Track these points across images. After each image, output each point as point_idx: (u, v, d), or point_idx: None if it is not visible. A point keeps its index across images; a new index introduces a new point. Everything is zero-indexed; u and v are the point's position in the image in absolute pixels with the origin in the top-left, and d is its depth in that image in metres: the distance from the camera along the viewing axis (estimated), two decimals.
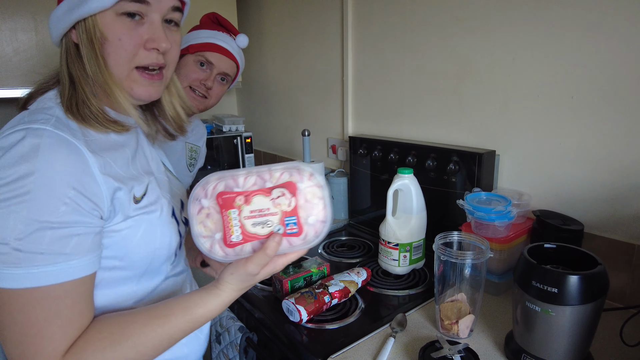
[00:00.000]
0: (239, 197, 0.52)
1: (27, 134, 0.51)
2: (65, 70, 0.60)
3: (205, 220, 0.53)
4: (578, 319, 0.62)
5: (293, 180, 0.53)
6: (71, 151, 0.52)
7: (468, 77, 1.11)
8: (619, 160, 0.86)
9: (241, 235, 0.53)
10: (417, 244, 1.03)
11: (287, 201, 0.53)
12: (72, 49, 0.60)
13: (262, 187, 0.53)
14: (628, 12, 0.80)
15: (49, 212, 0.49)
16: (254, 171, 0.54)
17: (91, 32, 0.57)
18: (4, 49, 1.40)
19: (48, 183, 0.49)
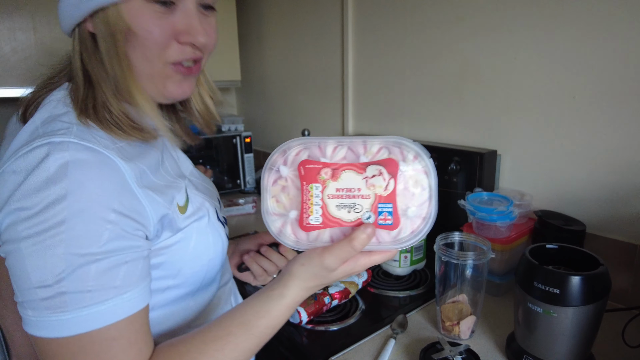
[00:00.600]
0: (325, 170, 0.42)
1: (50, 151, 0.42)
2: (78, 67, 0.51)
3: (280, 194, 0.44)
4: (580, 320, 0.62)
5: (395, 159, 0.43)
6: (104, 165, 0.44)
7: (469, 76, 1.11)
8: (621, 161, 0.86)
9: (321, 217, 0.43)
10: (418, 245, 1.03)
11: (384, 183, 0.42)
12: (89, 42, 0.50)
13: (355, 162, 0.43)
14: (629, 12, 0.80)
15: (90, 243, 0.42)
16: (346, 142, 0.43)
17: (113, 23, 0.48)
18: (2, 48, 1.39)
19: (84, 208, 0.42)
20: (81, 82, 0.51)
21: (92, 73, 0.51)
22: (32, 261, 0.41)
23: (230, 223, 1.50)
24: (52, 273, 0.41)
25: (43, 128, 0.46)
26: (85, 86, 0.51)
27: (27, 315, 0.42)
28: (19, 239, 0.41)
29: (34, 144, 0.43)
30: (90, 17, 0.49)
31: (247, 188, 1.85)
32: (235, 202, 1.61)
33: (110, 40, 0.48)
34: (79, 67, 0.51)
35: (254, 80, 2.10)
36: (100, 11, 0.48)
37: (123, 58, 0.49)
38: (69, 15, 0.50)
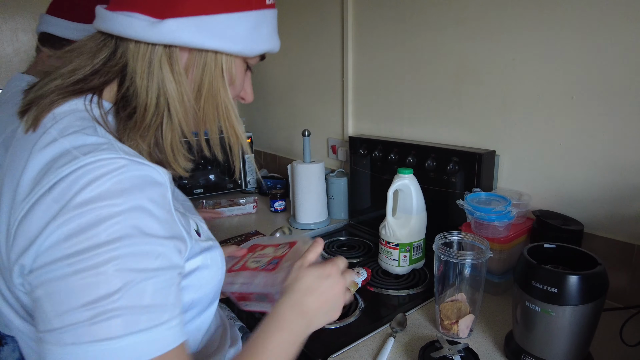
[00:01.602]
0: (259, 247, 0.71)
1: (101, 167, 0.40)
2: (155, 87, 0.48)
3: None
4: (578, 319, 0.62)
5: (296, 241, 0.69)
6: (155, 183, 0.43)
7: (468, 77, 1.11)
8: (619, 161, 0.86)
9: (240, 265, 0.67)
10: (417, 244, 1.03)
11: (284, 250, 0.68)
12: (177, 66, 0.49)
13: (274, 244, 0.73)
14: (628, 12, 0.80)
15: (146, 259, 0.40)
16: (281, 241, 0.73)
17: (223, 68, 0.51)
18: (5, 49, 1.40)
19: (137, 224, 0.40)
20: (161, 111, 0.49)
21: (176, 102, 0.49)
22: (81, 278, 0.36)
23: (232, 223, 1.50)
24: (105, 288, 0.36)
25: (79, 150, 0.41)
26: (163, 116, 0.49)
27: (62, 345, 0.35)
28: (63, 257, 0.37)
29: (84, 165, 0.39)
30: (189, 48, 0.49)
31: (248, 188, 1.86)
32: (236, 202, 1.61)
33: (217, 78, 0.51)
34: (157, 89, 0.48)
35: (255, 81, 2.10)
36: (212, 53, 0.50)
37: (226, 95, 0.52)
38: (185, 34, 0.47)
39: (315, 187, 1.39)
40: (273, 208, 1.58)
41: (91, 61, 0.50)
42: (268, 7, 0.53)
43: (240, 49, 0.51)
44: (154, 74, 0.48)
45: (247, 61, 0.56)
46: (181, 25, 0.46)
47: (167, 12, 0.46)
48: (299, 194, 1.40)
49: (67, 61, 0.50)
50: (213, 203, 1.63)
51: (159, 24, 0.46)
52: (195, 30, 0.47)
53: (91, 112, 0.47)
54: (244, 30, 0.50)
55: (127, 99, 0.49)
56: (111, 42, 0.50)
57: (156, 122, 0.49)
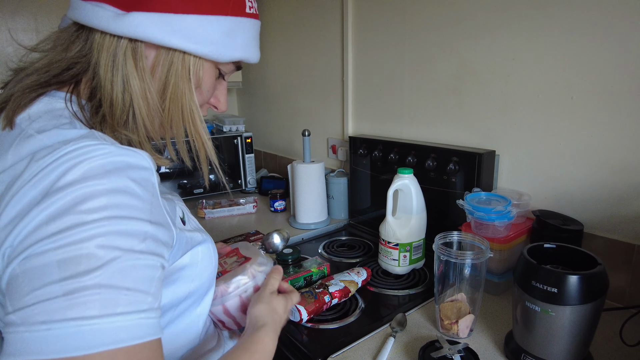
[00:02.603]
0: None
1: (85, 153, 0.39)
2: (120, 82, 0.47)
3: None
4: (578, 319, 0.63)
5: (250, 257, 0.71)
6: (143, 168, 0.43)
7: (468, 77, 1.11)
8: (619, 160, 0.86)
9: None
10: (417, 244, 1.03)
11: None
12: (142, 63, 0.48)
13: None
14: (628, 12, 0.81)
15: (133, 239, 0.39)
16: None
17: (190, 70, 0.50)
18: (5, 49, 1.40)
19: (126, 206, 0.40)
20: (127, 107, 0.48)
21: (139, 97, 0.48)
22: (61, 253, 0.34)
23: (232, 222, 1.50)
24: (86, 264, 0.34)
25: (60, 143, 0.40)
26: (129, 113, 0.48)
27: (29, 324, 0.33)
28: (45, 237, 0.35)
29: (65, 153, 0.38)
30: (156, 46, 0.48)
31: (248, 188, 1.86)
32: (236, 202, 1.61)
33: (183, 79, 0.50)
34: (121, 83, 0.47)
35: (255, 81, 2.11)
36: (180, 53, 0.49)
37: (191, 98, 0.51)
38: (150, 30, 0.45)
39: (315, 187, 1.39)
40: (273, 208, 1.59)
41: (65, 54, 0.48)
42: (248, 15, 0.52)
43: (209, 52, 0.49)
44: (118, 68, 0.47)
45: (219, 67, 0.54)
46: (147, 20, 0.45)
47: (134, 6, 0.45)
48: (299, 194, 1.40)
49: (42, 55, 0.50)
50: (213, 203, 1.63)
51: (124, 17, 0.45)
52: (161, 27, 0.46)
53: (71, 108, 0.47)
54: (216, 34, 0.49)
55: (94, 91, 0.48)
56: (83, 33, 0.48)
57: (123, 119, 0.48)
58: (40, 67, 0.48)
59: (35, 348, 0.32)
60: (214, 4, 0.48)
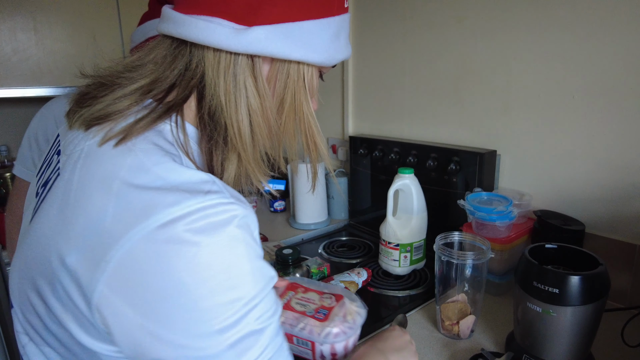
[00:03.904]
0: (301, 288, 0.72)
1: (231, 220, 0.37)
2: (244, 104, 0.44)
3: None
4: (579, 320, 0.62)
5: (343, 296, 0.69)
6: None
7: (468, 76, 1.11)
8: (621, 160, 0.86)
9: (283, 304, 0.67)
10: (418, 245, 1.03)
11: (330, 301, 0.67)
12: (261, 79, 0.45)
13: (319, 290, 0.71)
14: (629, 12, 0.80)
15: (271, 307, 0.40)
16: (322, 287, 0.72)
17: (305, 80, 0.47)
18: (3, 48, 1.40)
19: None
20: (246, 135, 0.44)
21: (260, 118, 0.45)
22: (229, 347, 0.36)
23: None
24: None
25: (183, 186, 0.37)
26: (250, 139, 0.45)
27: None
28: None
29: (196, 210, 0.35)
30: (270, 59, 0.45)
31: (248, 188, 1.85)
32: None
33: (300, 90, 0.47)
34: (246, 105, 0.44)
35: None
36: (293, 64, 0.46)
37: (309, 107, 0.49)
38: (274, 44, 0.42)
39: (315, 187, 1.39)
40: (273, 208, 1.58)
41: (169, 72, 0.44)
42: (345, 11, 0.50)
43: (323, 59, 0.46)
44: (241, 88, 0.43)
45: (322, 71, 0.52)
46: (269, 33, 0.42)
47: (254, 19, 0.41)
48: (299, 194, 1.39)
49: (141, 72, 0.45)
50: None
51: (245, 32, 0.41)
52: (283, 39, 0.42)
53: (178, 138, 0.42)
54: (327, 38, 0.46)
55: (215, 119, 0.44)
56: (185, 49, 0.44)
57: (249, 142, 0.45)
58: (142, 87, 0.44)
59: None
60: (323, 5, 0.45)
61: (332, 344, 0.61)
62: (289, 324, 0.64)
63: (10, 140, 1.75)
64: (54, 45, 1.47)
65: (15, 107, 1.74)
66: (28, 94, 1.46)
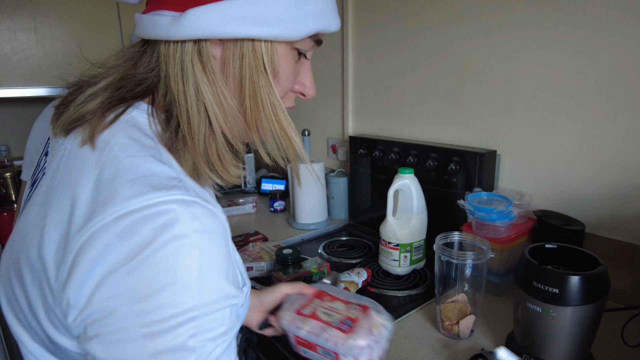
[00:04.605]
0: (327, 297, 0.72)
1: (177, 216, 0.35)
2: (192, 92, 0.43)
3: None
4: (579, 320, 0.62)
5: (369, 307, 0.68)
6: (222, 232, 0.39)
7: (468, 76, 1.11)
8: (621, 160, 0.86)
9: (310, 313, 0.67)
10: (418, 244, 1.03)
11: (357, 313, 0.66)
12: (210, 64, 0.43)
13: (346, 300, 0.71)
14: (630, 12, 0.80)
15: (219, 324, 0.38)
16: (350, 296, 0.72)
17: (263, 58, 0.43)
18: (3, 48, 1.40)
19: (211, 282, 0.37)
20: (203, 118, 0.43)
21: (214, 106, 0.43)
22: (155, 344, 0.34)
23: (231, 223, 1.50)
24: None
25: (148, 181, 0.37)
26: (206, 124, 0.43)
27: None
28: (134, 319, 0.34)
29: (156, 203, 0.35)
30: (221, 42, 0.43)
31: (248, 188, 1.85)
32: (235, 202, 1.61)
33: (258, 72, 0.44)
34: (194, 93, 0.43)
35: None
36: (248, 41, 0.43)
37: (271, 92, 0.44)
38: (195, 27, 0.40)
39: (315, 187, 1.39)
40: (273, 208, 1.58)
41: (134, 69, 0.45)
42: None
43: (278, 32, 0.42)
44: (188, 76, 0.42)
45: (296, 47, 0.46)
46: (205, 13, 0.40)
47: (188, 3, 0.40)
48: (299, 194, 1.39)
49: (111, 70, 0.46)
50: None
51: (181, 17, 0.40)
52: (222, 17, 0.40)
53: (154, 126, 0.43)
54: (283, 8, 0.41)
55: (169, 108, 0.44)
56: (149, 47, 0.45)
57: (202, 132, 0.43)
58: (112, 82, 0.45)
59: None
60: None
61: (356, 356, 0.60)
62: (314, 333, 0.63)
63: (10, 140, 1.75)
64: (54, 45, 1.47)
65: (15, 107, 1.74)
66: (28, 94, 1.46)
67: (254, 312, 0.73)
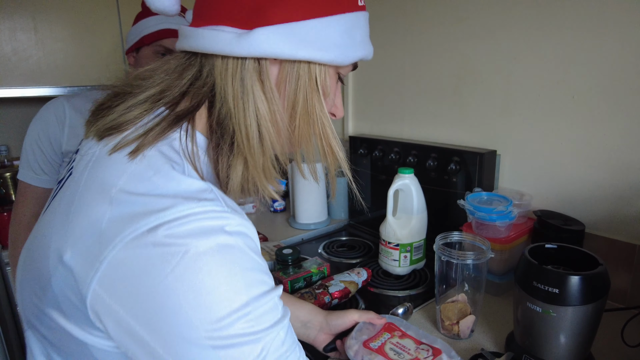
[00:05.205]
0: (398, 332, 0.71)
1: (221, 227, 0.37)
2: (252, 109, 0.44)
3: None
4: (579, 320, 0.62)
5: (441, 350, 0.66)
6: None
7: (469, 76, 1.11)
8: (620, 160, 0.86)
9: (378, 347, 0.67)
10: (418, 244, 1.03)
11: (426, 354, 0.65)
12: (269, 82, 0.45)
13: (417, 339, 0.69)
14: (629, 11, 0.80)
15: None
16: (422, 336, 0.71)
17: (317, 80, 0.46)
18: (3, 48, 1.40)
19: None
20: (257, 133, 0.44)
21: (268, 122, 0.45)
22: (219, 351, 0.36)
23: None
24: (253, 352, 0.37)
25: (180, 192, 0.38)
26: (258, 138, 0.45)
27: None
28: (194, 330, 0.35)
29: (188, 215, 0.36)
30: (279, 62, 0.45)
31: None
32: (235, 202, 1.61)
33: (312, 92, 0.46)
34: (254, 110, 0.44)
35: None
36: (302, 63, 0.45)
37: (322, 110, 0.47)
38: (276, 44, 0.42)
39: (315, 187, 1.39)
40: (273, 208, 1.58)
41: (179, 81, 0.45)
42: (360, 9, 0.48)
43: (334, 57, 0.45)
44: (248, 93, 0.44)
45: (339, 71, 0.50)
46: (271, 34, 0.42)
47: (255, 22, 0.42)
48: (299, 194, 1.39)
49: (152, 81, 0.46)
50: None
51: (247, 35, 0.42)
52: (287, 40, 0.42)
53: (186, 147, 0.43)
54: (337, 35, 0.45)
55: (223, 125, 0.45)
56: (196, 60, 0.46)
57: (255, 146, 0.45)
58: (151, 95, 0.45)
59: None
60: (330, 3, 0.45)
61: None
62: None
63: (10, 140, 1.75)
64: (54, 45, 1.47)
65: (15, 107, 1.73)
66: (28, 94, 1.46)
67: (321, 333, 0.74)
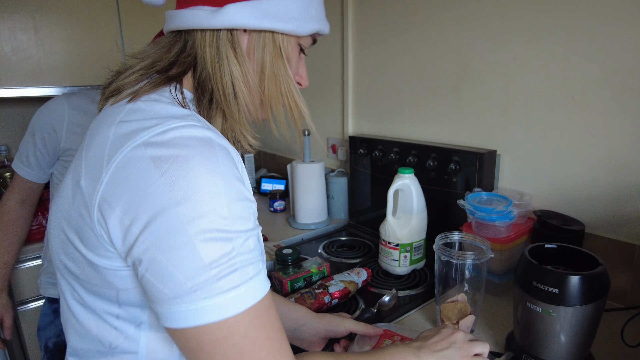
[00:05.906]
0: (397, 337, 0.72)
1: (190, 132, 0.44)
2: (227, 72, 0.53)
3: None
4: (579, 320, 0.62)
5: None
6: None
7: (469, 76, 1.11)
8: (621, 160, 0.86)
9: None
10: (418, 244, 1.03)
11: None
12: (240, 50, 0.53)
13: None
14: (629, 11, 0.80)
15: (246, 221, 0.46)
16: None
17: (281, 47, 0.55)
18: (3, 48, 1.40)
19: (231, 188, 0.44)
20: (232, 92, 0.53)
21: (241, 83, 0.54)
22: (203, 241, 0.40)
23: None
24: (224, 249, 0.42)
25: (168, 115, 0.46)
26: (232, 99, 0.54)
27: (195, 301, 0.40)
28: (180, 224, 0.40)
29: (174, 127, 0.43)
30: (247, 33, 0.53)
31: None
32: None
33: (277, 57, 0.55)
34: (227, 73, 0.53)
35: None
36: (267, 33, 0.54)
37: (287, 73, 0.56)
38: (244, 17, 0.51)
39: (315, 187, 1.39)
40: (272, 208, 1.58)
41: (167, 55, 0.54)
42: None
43: (293, 27, 0.54)
44: (223, 58, 0.53)
45: (300, 42, 0.58)
46: (239, 9, 0.51)
47: (225, 0, 0.51)
48: (299, 194, 1.39)
49: (146, 56, 0.55)
50: None
51: (219, 11, 0.50)
52: (252, 13, 0.51)
53: (176, 97, 0.51)
54: (294, 10, 0.53)
55: (203, 85, 0.54)
56: (181, 37, 0.54)
57: (231, 104, 0.54)
58: (145, 65, 0.54)
59: (202, 317, 0.41)
60: None
61: None
62: None
63: (10, 140, 1.75)
64: (54, 45, 1.47)
65: (15, 107, 1.74)
66: (28, 94, 1.46)
67: (315, 337, 0.75)
